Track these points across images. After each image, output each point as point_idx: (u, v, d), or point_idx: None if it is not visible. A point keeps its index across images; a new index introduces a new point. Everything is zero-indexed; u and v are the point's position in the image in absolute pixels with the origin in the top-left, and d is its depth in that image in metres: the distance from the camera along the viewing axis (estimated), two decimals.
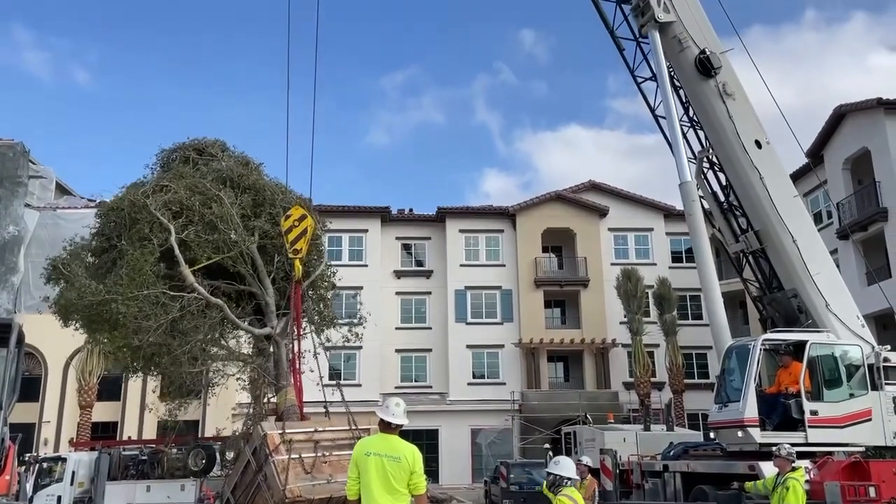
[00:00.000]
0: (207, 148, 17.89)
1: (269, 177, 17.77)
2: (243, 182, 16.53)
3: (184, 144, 17.98)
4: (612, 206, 38.40)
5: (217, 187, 15.82)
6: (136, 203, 15.23)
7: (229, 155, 18.01)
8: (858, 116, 28.18)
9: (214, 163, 17.20)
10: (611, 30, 15.75)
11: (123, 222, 15.49)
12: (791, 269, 13.63)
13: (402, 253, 38.38)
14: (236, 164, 17.24)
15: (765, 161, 13.94)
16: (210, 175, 16.34)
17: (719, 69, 14.13)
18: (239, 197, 16.00)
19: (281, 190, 16.94)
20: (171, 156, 17.95)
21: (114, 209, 16.02)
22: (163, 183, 15.95)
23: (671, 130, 14.56)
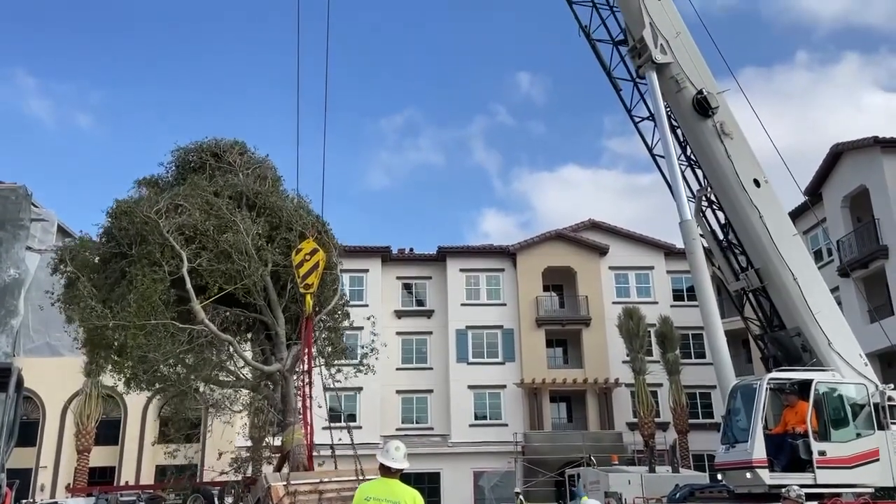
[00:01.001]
0: (225, 153, 17.11)
1: (286, 192, 17.10)
2: (259, 202, 16.01)
3: (201, 145, 17.14)
4: (613, 245, 38.45)
5: (233, 208, 15.28)
6: (149, 221, 14.62)
7: (249, 159, 17.24)
8: (855, 154, 28.39)
9: (231, 175, 16.55)
10: (608, 71, 15.94)
11: (134, 234, 14.81)
12: (792, 308, 13.58)
13: (403, 292, 38.34)
14: (254, 179, 16.61)
15: (764, 200, 13.99)
16: (226, 191, 15.71)
17: (717, 109, 14.26)
18: (255, 220, 15.48)
19: (298, 213, 16.47)
20: (187, 157, 17.18)
21: (126, 213, 15.21)
22: (177, 201, 15.26)
23: (670, 169, 14.64)
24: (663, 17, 14.86)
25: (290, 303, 15.77)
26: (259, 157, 17.67)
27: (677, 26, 15.00)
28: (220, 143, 17.34)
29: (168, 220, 14.51)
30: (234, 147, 17.39)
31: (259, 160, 17.52)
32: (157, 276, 13.96)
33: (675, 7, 15.26)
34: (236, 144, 17.50)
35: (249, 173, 16.83)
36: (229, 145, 17.35)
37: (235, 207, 15.43)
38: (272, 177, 17.25)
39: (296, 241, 14.46)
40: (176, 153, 17.27)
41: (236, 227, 14.84)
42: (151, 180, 16.29)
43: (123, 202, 15.36)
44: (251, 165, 17.16)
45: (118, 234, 15.10)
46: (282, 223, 15.97)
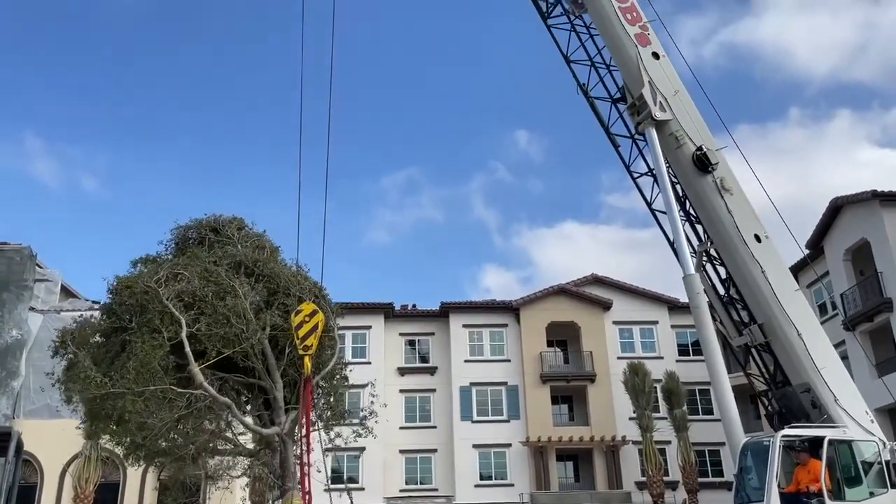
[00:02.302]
0: (224, 227, 17.56)
1: (285, 261, 17.46)
2: (258, 269, 16.29)
3: (200, 222, 17.63)
4: (616, 300, 38.37)
5: (231, 275, 15.58)
6: (149, 290, 15.00)
7: (247, 234, 17.71)
8: (855, 208, 28.57)
9: (230, 246, 16.93)
10: (606, 128, 16.14)
11: (135, 306, 15.12)
12: (797, 363, 13.46)
13: (406, 349, 38.12)
14: (252, 249, 16.98)
15: (765, 255, 14.00)
16: (225, 260, 16.08)
17: (716, 165, 14.40)
18: (253, 286, 15.74)
19: (296, 278, 16.70)
20: (186, 233, 17.61)
21: (126, 288, 15.60)
22: (177, 270, 15.62)
23: (672, 224, 14.68)
24: (661, 75, 15.14)
25: (289, 367, 15.86)
26: (257, 231, 18.22)
27: (675, 85, 15.27)
28: (218, 218, 17.98)
29: (168, 287, 14.84)
30: (233, 222, 18.00)
31: (257, 234, 18.06)
32: (156, 342, 14.21)
33: (672, 66, 15.57)
34: (234, 220, 18.12)
35: (248, 244, 17.24)
36: (228, 221, 17.97)
37: (234, 275, 15.77)
38: (270, 247, 17.71)
39: (294, 305, 14.61)
40: (175, 231, 17.78)
41: (235, 292, 15.12)
42: (150, 258, 16.65)
43: (124, 278, 15.79)
44: (250, 238, 17.66)
45: (118, 310, 15.48)
46: (280, 289, 16.31)
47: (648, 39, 15.34)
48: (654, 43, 15.37)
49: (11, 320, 29.29)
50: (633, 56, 15.11)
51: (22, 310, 29.67)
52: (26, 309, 29.88)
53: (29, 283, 30.22)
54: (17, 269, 30.14)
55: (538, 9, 16.51)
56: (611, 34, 15.45)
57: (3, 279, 29.55)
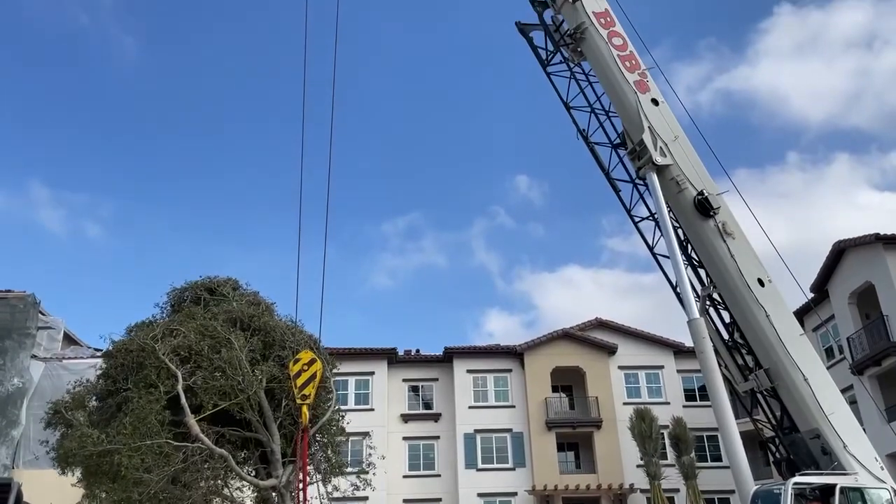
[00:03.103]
0: (219, 287, 17.97)
1: (280, 316, 17.72)
2: (253, 323, 16.48)
3: (195, 283, 18.07)
4: (621, 344, 38.10)
5: (227, 329, 15.77)
6: (146, 347, 15.12)
7: (241, 293, 18.06)
8: (858, 251, 28.54)
9: (225, 303, 17.22)
10: (607, 173, 16.28)
11: (131, 365, 15.31)
12: (805, 409, 13.29)
13: (410, 395, 37.73)
14: (247, 305, 17.26)
15: (769, 299, 13.95)
16: (221, 316, 16.33)
17: (718, 209, 14.47)
18: (248, 339, 15.91)
19: (291, 331, 16.84)
20: (182, 295, 17.98)
21: (122, 350, 15.85)
22: (173, 326, 15.90)
23: (675, 268, 14.68)
24: (661, 121, 15.31)
25: (285, 419, 15.82)
26: (251, 290, 18.54)
27: (675, 130, 15.43)
28: (213, 279, 18.37)
29: (164, 343, 15.03)
30: (227, 282, 18.38)
31: (251, 293, 18.42)
32: (152, 397, 14.31)
33: (671, 112, 15.76)
34: (229, 281, 18.53)
35: (243, 302, 17.54)
36: (222, 281, 18.39)
37: (230, 329, 15.98)
38: (265, 304, 18.01)
39: (289, 358, 14.69)
40: (171, 293, 18.15)
41: (230, 345, 15.22)
42: (145, 324, 16.87)
43: (119, 342, 16.01)
44: (244, 297, 17.97)
45: (114, 372, 15.63)
46: (275, 342, 16.49)
47: (647, 86, 15.57)
48: (652, 89, 15.60)
49: (13, 368, 29.15)
50: (632, 102, 15.32)
51: (24, 357, 29.54)
52: (28, 357, 29.75)
53: (32, 331, 30.15)
54: (20, 317, 30.10)
55: (538, 57, 16.81)
56: (610, 81, 15.69)
57: (6, 327, 29.49)
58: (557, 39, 16.68)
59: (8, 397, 28.63)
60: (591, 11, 16.05)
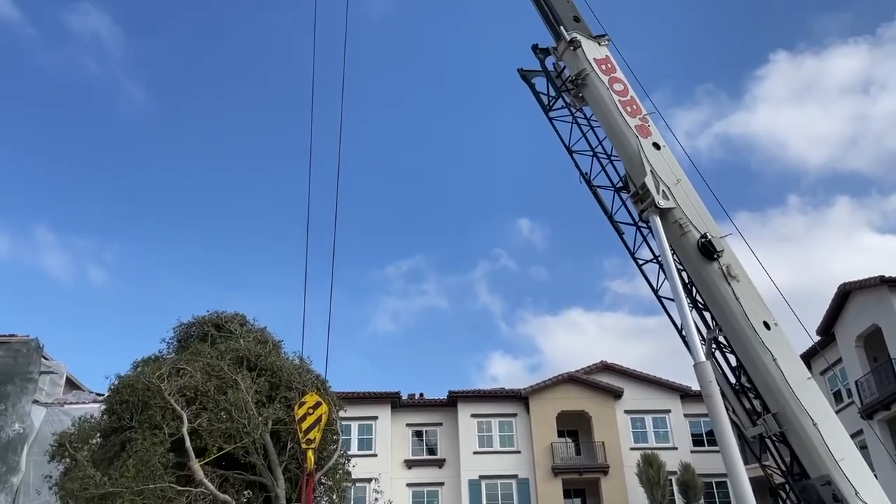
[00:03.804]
0: (226, 323, 17.86)
1: (287, 354, 17.60)
2: (260, 363, 16.40)
3: (202, 318, 17.98)
4: (627, 388, 37.74)
5: (234, 370, 15.69)
6: (151, 386, 15.03)
7: (249, 330, 17.95)
8: (864, 294, 28.43)
9: (233, 340, 17.12)
10: (610, 216, 16.31)
11: (136, 403, 15.17)
12: (815, 455, 13.07)
13: (414, 440, 37.30)
14: (254, 343, 17.16)
15: (775, 342, 13.84)
16: (228, 355, 16.23)
17: (722, 252, 14.45)
18: (255, 380, 15.81)
19: (298, 371, 16.74)
20: (188, 330, 17.89)
21: (128, 386, 15.71)
22: (179, 365, 15.80)
23: (680, 311, 14.59)
24: (663, 165, 15.40)
25: (290, 463, 15.64)
26: (259, 326, 18.48)
27: (677, 173, 15.51)
28: (220, 315, 18.32)
29: (170, 383, 14.97)
30: (235, 318, 18.34)
31: (259, 329, 18.33)
32: (157, 439, 14.19)
33: (672, 155, 15.87)
34: (236, 316, 18.44)
35: (250, 340, 17.47)
36: (230, 317, 18.31)
37: (236, 369, 15.92)
38: (272, 342, 17.94)
39: (296, 399, 14.61)
40: (178, 329, 18.11)
41: (237, 387, 15.15)
42: (152, 358, 16.85)
43: (125, 377, 15.93)
44: (252, 334, 17.91)
45: (119, 408, 15.53)
46: (282, 382, 16.37)
47: (649, 130, 15.72)
48: (654, 134, 15.74)
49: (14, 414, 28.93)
50: (634, 147, 15.44)
51: (25, 403, 29.34)
52: (30, 402, 29.54)
53: (34, 376, 30.01)
54: (22, 362, 29.99)
55: (540, 102, 17.02)
56: (612, 126, 15.84)
57: (8, 371, 29.36)
58: (559, 85, 16.90)
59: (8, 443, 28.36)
60: (592, 58, 16.29)
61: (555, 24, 17.01)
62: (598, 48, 16.63)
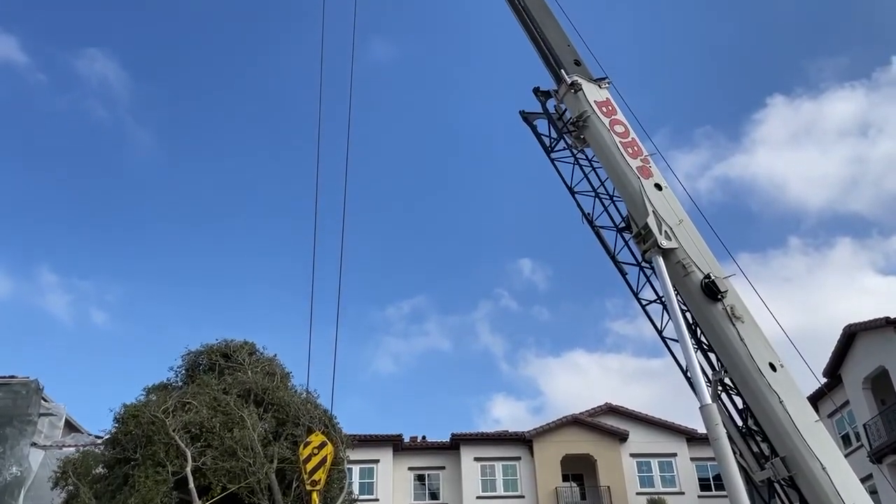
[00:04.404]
0: (235, 353, 17.77)
1: (295, 388, 17.43)
2: (267, 397, 16.29)
3: (211, 347, 17.93)
4: (632, 431, 37.25)
5: (241, 405, 15.55)
6: (156, 420, 14.87)
7: (258, 358, 17.84)
8: (869, 335, 28.21)
9: (241, 372, 17.01)
10: (612, 256, 16.30)
11: (140, 437, 14.96)
12: (825, 500, 12.79)
13: (416, 484, 36.72)
14: (262, 376, 17.04)
15: (782, 384, 13.68)
16: (235, 388, 16.11)
17: (726, 293, 14.39)
18: (262, 416, 15.68)
19: (306, 407, 16.58)
20: (197, 359, 17.82)
21: (133, 417, 15.52)
22: (185, 399, 15.65)
23: (685, 353, 14.48)
24: (665, 205, 15.44)
25: (296, 503, 15.36)
26: (268, 356, 18.35)
27: (679, 214, 15.54)
28: (230, 343, 18.20)
29: (175, 418, 14.81)
30: (244, 347, 18.22)
31: (268, 359, 18.19)
32: (160, 476, 13.95)
33: (674, 196, 15.92)
34: (246, 345, 18.33)
35: (259, 371, 17.34)
36: (239, 346, 18.19)
37: (243, 404, 15.75)
38: (281, 373, 17.80)
39: (303, 436, 14.41)
40: (186, 357, 18.04)
41: (243, 423, 14.98)
42: (160, 386, 16.76)
43: (131, 406, 15.79)
44: (260, 364, 17.79)
45: (124, 439, 15.36)
46: (289, 418, 16.20)
47: (650, 172, 15.80)
48: (655, 175, 15.82)
49: (12, 456, 28.60)
50: (636, 187, 15.50)
51: (24, 445, 29.02)
52: (28, 444, 29.23)
53: (33, 418, 29.74)
54: (22, 404, 29.76)
55: (542, 143, 17.16)
56: (614, 167, 15.93)
57: (7, 413, 29.11)
58: (560, 127, 17.05)
59: (5, 487, 27.98)
60: (592, 101, 16.47)
61: (556, 67, 17.26)
62: (599, 91, 16.84)
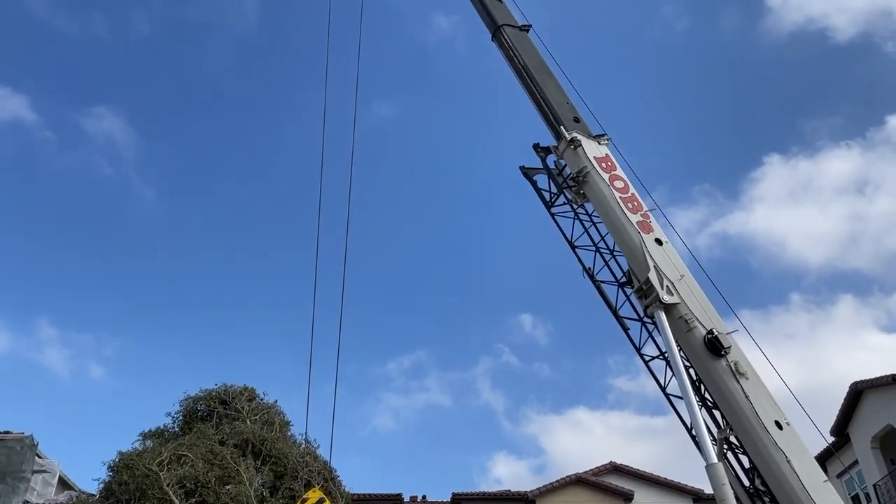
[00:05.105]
0: (234, 399, 17.45)
1: (295, 437, 17.09)
2: (265, 448, 15.96)
3: (209, 393, 17.60)
4: (638, 490, 36.34)
5: (237, 457, 15.20)
6: (150, 474, 14.51)
7: (257, 405, 17.50)
8: (877, 393, 27.82)
9: (239, 421, 16.69)
10: (614, 311, 16.19)
11: (134, 489, 14.59)
12: None
13: None
14: (261, 426, 16.71)
15: (789, 443, 13.41)
16: (233, 438, 15.78)
17: (729, 349, 14.23)
18: (259, 469, 15.33)
19: (305, 460, 16.23)
20: (195, 405, 17.50)
21: (127, 467, 15.17)
22: (181, 451, 15.28)
23: (689, 410, 14.24)
24: (666, 260, 15.41)
25: None
26: (268, 402, 18.05)
27: (680, 269, 15.50)
28: (229, 389, 17.89)
29: (170, 471, 14.47)
30: (243, 394, 17.91)
31: (267, 406, 17.88)
32: None
33: (675, 251, 15.90)
34: (245, 391, 18.02)
35: (257, 419, 17.04)
36: (238, 392, 17.89)
37: (240, 456, 15.45)
38: (280, 422, 17.52)
39: (301, 490, 14.09)
40: (184, 402, 17.75)
41: (239, 478, 14.63)
42: (157, 432, 16.46)
43: (126, 455, 15.48)
44: (259, 411, 17.49)
45: (117, 490, 14.99)
46: (287, 471, 15.80)
47: (651, 227, 15.83)
48: (656, 230, 15.84)
49: None
50: (637, 242, 15.50)
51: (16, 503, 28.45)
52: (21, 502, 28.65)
53: (26, 475, 29.20)
54: (16, 460, 29.27)
55: (542, 198, 17.26)
56: (614, 222, 15.97)
57: (1, 470, 28.63)
58: (560, 182, 17.17)
59: None
60: (592, 157, 16.62)
61: (555, 124, 17.48)
62: (598, 147, 17.01)
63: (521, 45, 18.79)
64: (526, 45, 18.98)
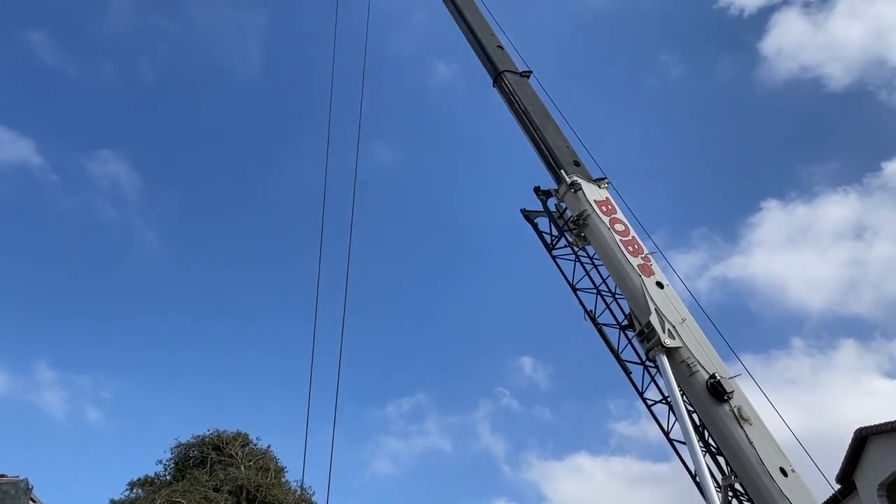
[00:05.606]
0: (227, 445, 17.24)
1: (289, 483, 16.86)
2: (260, 495, 15.74)
3: (203, 439, 17.37)
4: None
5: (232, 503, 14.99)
6: None
7: (251, 450, 17.28)
8: (882, 439, 27.38)
9: (233, 467, 16.47)
10: (616, 354, 16.08)
11: None
12: None
13: None
14: (255, 471, 16.50)
15: (795, 491, 13.15)
16: (227, 485, 15.58)
17: (732, 393, 14.09)
18: None
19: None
20: (187, 452, 17.27)
21: None
22: (174, 499, 15.08)
23: (693, 456, 14.03)
24: (667, 303, 15.35)
25: None
26: (261, 448, 17.89)
27: (682, 312, 15.43)
28: (222, 435, 17.74)
29: None
30: (237, 439, 17.76)
31: (261, 451, 17.71)
32: None
33: (676, 294, 15.85)
34: (239, 436, 17.87)
35: (251, 465, 16.85)
36: (231, 437, 17.73)
37: (235, 502, 15.23)
38: (275, 468, 17.31)
39: None
40: (175, 449, 17.56)
41: None
42: (147, 480, 16.23)
43: (118, 502, 15.27)
44: (253, 457, 17.30)
45: None
46: None
47: (652, 270, 15.82)
48: (657, 273, 15.82)
49: None
50: (638, 285, 15.47)
51: None
52: None
53: None
54: None
55: (543, 241, 17.29)
56: (615, 265, 15.96)
57: None
58: (561, 225, 17.21)
59: None
60: (592, 200, 16.69)
61: (556, 167, 17.60)
62: (599, 190, 17.10)
63: (522, 91, 19.03)
64: (527, 90, 19.23)
